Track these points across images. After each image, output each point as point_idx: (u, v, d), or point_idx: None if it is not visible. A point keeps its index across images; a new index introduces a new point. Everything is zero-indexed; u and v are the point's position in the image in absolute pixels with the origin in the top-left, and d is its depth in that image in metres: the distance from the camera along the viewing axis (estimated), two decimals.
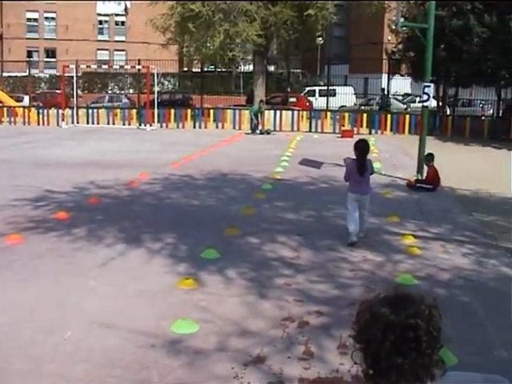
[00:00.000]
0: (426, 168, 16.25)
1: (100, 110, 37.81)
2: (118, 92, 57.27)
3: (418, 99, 42.02)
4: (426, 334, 2.15)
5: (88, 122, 36.63)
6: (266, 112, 34.49)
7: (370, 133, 32.50)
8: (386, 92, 41.01)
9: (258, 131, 32.00)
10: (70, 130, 33.08)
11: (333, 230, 11.16)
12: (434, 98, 32.15)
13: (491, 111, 38.81)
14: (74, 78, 37.78)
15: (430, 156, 16.11)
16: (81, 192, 14.32)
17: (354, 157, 10.60)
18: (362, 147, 10.56)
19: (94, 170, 17.63)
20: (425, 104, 17.36)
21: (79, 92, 43.06)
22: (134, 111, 37.54)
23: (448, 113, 36.06)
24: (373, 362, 2.20)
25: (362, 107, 43.38)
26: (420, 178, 16.25)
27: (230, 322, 6.73)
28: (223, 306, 7.23)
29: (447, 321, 2.28)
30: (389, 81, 37.06)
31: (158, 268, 8.64)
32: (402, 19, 23.76)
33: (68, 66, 37.07)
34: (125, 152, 23.03)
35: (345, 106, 43.45)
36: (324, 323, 6.83)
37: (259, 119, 32.61)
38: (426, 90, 16.92)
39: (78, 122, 36.19)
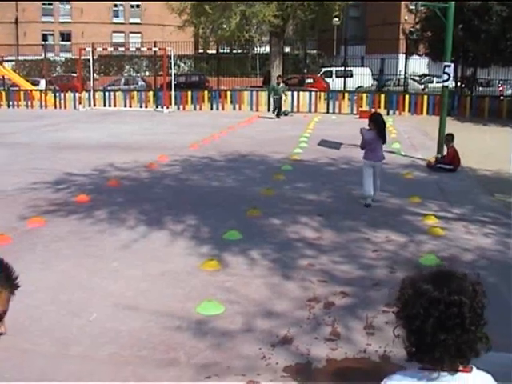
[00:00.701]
0: (445, 148, 16.15)
1: (117, 93, 37.82)
2: (134, 74, 57.26)
3: (435, 80, 41.77)
4: (470, 311, 2.17)
5: (105, 105, 36.67)
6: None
7: (388, 113, 32.30)
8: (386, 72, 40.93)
9: (274, 114, 30.60)
10: (87, 113, 33.14)
11: (354, 210, 11.12)
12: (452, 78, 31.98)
13: (510, 91, 38.50)
14: (91, 61, 37.80)
15: (450, 136, 16.00)
16: (100, 174, 14.34)
17: (367, 128, 11.76)
18: (376, 119, 11.78)
19: (112, 153, 17.64)
20: (445, 84, 17.18)
21: (95, 75, 43.10)
22: (151, 93, 37.55)
23: (472, 92, 35.76)
24: (416, 339, 2.21)
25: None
26: (440, 158, 16.12)
27: (256, 303, 6.71)
28: (248, 287, 7.21)
29: None
30: (406, 61, 36.75)
31: (181, 250, 8.64)
32: None
33: (84, 49, 37.08)
34: (143, 134, 23.02)
35: (362, 87, 43.22)
36: (349, 304, 6.80)
37: (282, 101, 30.62)
38: (447, 69, 16.76)
39: (94, 105, 36.21)
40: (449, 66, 16.74)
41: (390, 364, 5.30)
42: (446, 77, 16.91)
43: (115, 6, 74.92)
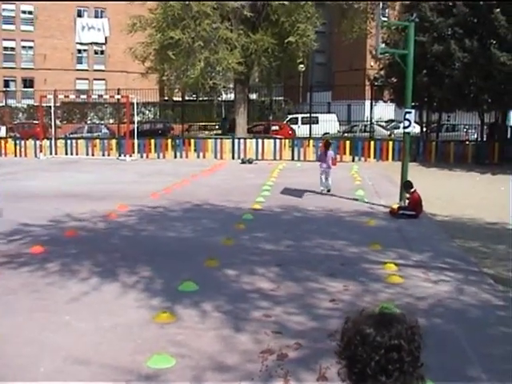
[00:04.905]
0: (407, 195, 16.34)
1: (79, 141, 37.81)
2: (97, 122, 57.26)
3: (401, 125, 42.42)
4: (409, 355, 2.24)
5: (66, 153, 36.67)
6: (249, 141, 34.71)
7: (354, 160, 32.73)
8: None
9: None
10: (47, 162, 33.06)
11: (312, 259, 11.18)
12: (417, 123, 32.50)
13: (475, 136, 39.15)
14: (52, 109, 37.83)
15: (408, 183, 16.22)
16: (57, 225, 14.29)
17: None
18: (326, 144, 21.32)
19: (71, 202, 17.60)
20: (406, 130, 17.44)
21: (58, 122, 43.05)
22: (114, 141, 37.55)
23: (437, 137, 36.29)
24: (358, 379, 2.28)
25: (346, 134, 43.56)
26: (403, 204, 16.30)
27: (207, 356, 6.73)
28: (200, 339, 7.23)
29: (429, 350, 2.34)
30: (372, 107, 37.30)
31: (134, 302, 8.63)
32: (382, 45, 23.98)
33: (46, 96, 37.11)
34: (103, 183, 23.02)
35: (328, 134, 43.67)
36: (303, 355, 6.84)
37: None
38: (407, 116, 17.03)
39: (56, 153, 36.17)
40: (409, 112, 17.02)
41: None
42: (406, 123, 17.17)
43: (79, 52, 75.15)
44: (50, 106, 38.39)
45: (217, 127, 49.69)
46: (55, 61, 71.76)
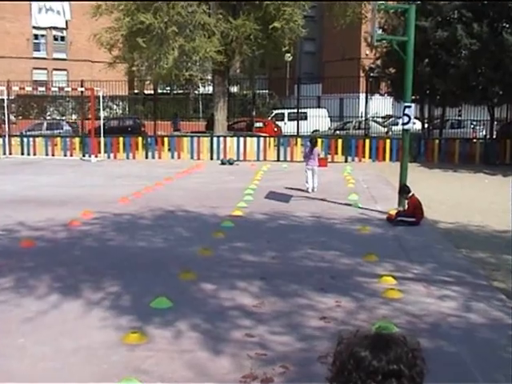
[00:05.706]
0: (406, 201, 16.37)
1: (37, 139, 37.54)
2: (58, 118, 57.02)
3: (400, 121, 42.52)
4: (410, 381, 2.21)
5: (23, 153, 36.46)
6: (229, 139, 34.64)
7: (346, 160, 32.79)
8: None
9: None
10: (0, 163, 32.87)
11: (300, 272, 11.19)
12: (417, 119, 32.52)
13: (484, 133, 39.28)
14: (5, 102, 37.60)
15: (405, 188, 16.23)
16: (10, 234, 14.20)
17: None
18: (313, 141, 22.69)
19: (27, 209, 17.51)
20: (405, 127, 17.43)
21: (12, 118, 42.79)
22: (77, 140, 37.39)
23: (441, 134, 36.38)
24: None
25: (338, 132, 43.58)
26: (401, 210, 16.33)
27: (182, 382, 6.69)
28: (174, 363, 7.20)
29: (432, 375, 2.31)
30: (367, 101, 37.40)
31: (100, 322, 8.58)
32: (379, 31, 24.02)
33: None
34: (65, 187, 22.92)
35: (318, 131, 43.72)
36: (290, 380, 6.82)
37: None
38: (407, 111, 17.02)
39: (10, 153, 35.99)
40: (409, 106, 17.02)
41: None
42: (406, 119, 17.14)
43: (36, 37, 74.54)
44: (3, 99, 38.14)
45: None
46: (8, 47, 71.00)
